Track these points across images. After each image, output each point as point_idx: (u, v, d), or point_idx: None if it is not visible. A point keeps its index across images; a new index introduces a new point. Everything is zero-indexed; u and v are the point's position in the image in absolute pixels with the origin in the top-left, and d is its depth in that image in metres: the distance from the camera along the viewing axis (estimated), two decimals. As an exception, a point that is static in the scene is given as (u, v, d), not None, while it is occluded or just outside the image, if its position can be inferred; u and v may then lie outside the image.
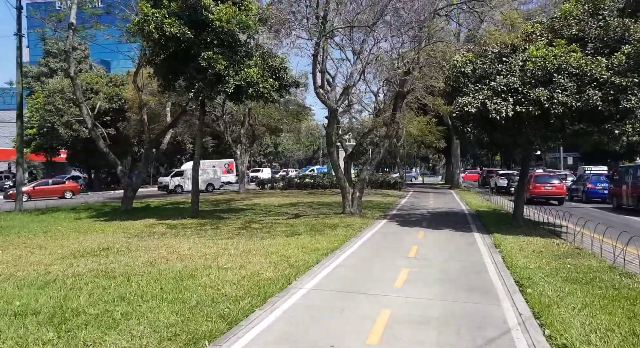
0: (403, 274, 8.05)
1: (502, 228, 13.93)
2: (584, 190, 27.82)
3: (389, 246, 11.00)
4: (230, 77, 14.70)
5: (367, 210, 19.52)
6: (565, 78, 11.53)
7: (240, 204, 23.27)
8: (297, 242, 11.05)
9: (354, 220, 15.59)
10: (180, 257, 9.21)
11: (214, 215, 17.93)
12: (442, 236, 12.71)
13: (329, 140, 16.14)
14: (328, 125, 15.86)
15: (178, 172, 38.74)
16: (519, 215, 14.92)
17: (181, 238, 11.90)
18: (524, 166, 15.10)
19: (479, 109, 12.42)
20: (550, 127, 11.93)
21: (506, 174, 37.67)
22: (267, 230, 13.42)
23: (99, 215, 17.93)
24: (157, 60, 15.86)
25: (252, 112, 32.75)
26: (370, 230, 13.79)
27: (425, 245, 11.09)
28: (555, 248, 10.70)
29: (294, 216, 17.34)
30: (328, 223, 14.96)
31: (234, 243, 10.83)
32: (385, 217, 17.26)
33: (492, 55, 13.48)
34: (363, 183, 17.28)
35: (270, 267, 8.33)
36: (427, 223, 15.51)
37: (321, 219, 16.05)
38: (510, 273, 8.33)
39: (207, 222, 15.38)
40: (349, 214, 16.78)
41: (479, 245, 11.28)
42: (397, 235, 12.81)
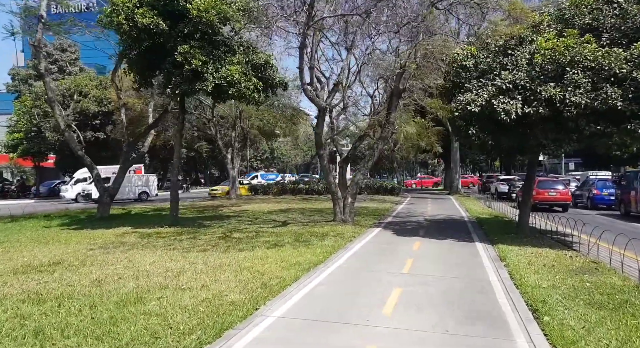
0: (394, 296, 6.79)
1: (506, 237, 12.69)
2: (589, 196, 26.64)
3: (381, 259, 9.75)
4: (210, 74, 13.50)
5: (360, 217, 18.27)
6: (579, 73, 10.34)
7: (227, 211, 22.00)
8: (278, 255, 9.79)
9: (345, 229, 14.34)
10: (137, 273, 7.94)
11: (196, 223, 16.65)
12: (441, 247, 11.45)
13: (318, 141, 14.95)
14: (317, 126, 14.66)
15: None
16: (525, 223, 13.69)
17: (149, 250, 10.63)
18: (530, 171, 13.89)
19: (484, 108, 11.22)
20: (564, 128, 10.72)
21: (507, 179, 36.50)
22: (249, 240, 12.16)
23: (71, 223, 16.65)
24: (131, 55, 14.69)
25: (243, 115, 31.56)
26: (361, 240, 12.53)
27: (421, 258, 9.84)
28: (568, 261, 9.45)
29: (282, 224, 16.08)
30: (317, 232, 13.70)
31: (205, 257, 9.56)
32: (379, 225, 16.01)
33: (495, 48, 12.32)
34: (356, 189, 16.06)
35: (238, 286, 7.06)
36: (424, 232, 14.26)
37: (310, 227, 14.79)
38: (520, 293, 7.08)
39: (185, 231, 14.11)
40: (340, 222, 15.53)
41: (482, 258, 10.03)
42: (391, 246, 11.55)
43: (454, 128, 12.56)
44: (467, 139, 11.82)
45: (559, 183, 25.48)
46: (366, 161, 16.11)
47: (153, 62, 14.54)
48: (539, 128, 11.06)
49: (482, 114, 11.38)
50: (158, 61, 14.33)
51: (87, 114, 40.68)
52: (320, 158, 15.32)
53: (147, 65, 14.78)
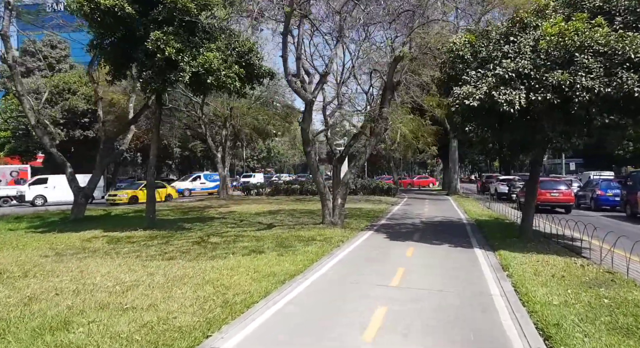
0: (378, 316, 5.70)
1: (508, 242, 11.60)
2: (592, 197, 25.62)
3: (368, 269, 8.63)
4: (186, 63, 12.39)
5: (352, 219, 17.17)
6: (589, 58, 9.27)
7: (213, 212, 20.88)
8: (252, 264, 8.68)
9: (334, 232, 13.23)
10: (81, 288, 6.82)
11: (175, 225, 15.54)
12: (436, 253, 10.35)
13: (305, 137, 13.84)
14: (303, 120, 13.56)
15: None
16: (528, 227, 12.59)
17: (110, 257, 9.51)
18: (533, 170, 12.79)
19: (483, 101, 10.14)
20: (573, 119, 9.63)
21: (507, 179, 35.47)
22: (226, 245, 11.04)
23: (40, 226, 15.52)
24: (103, 45, 13.60)
25: (234, 113, 30.46)
26: (349, 245, 11.42)
27: (414, 267, 8.73)
28: (579, 271, 8.36)
29: (267, 227, 14.96)
30: (302, 236, 12.60)
31: (168, 266, 8.45)
32: (371, 228, 14.90)
33: (496, 35, 11.23)
34: (346, 189, 14.95)
35: (194, 305, 5.95)
36: (419, 236, 13.15)
37: (296, 231, 13.68)
38: (528, 312, 5.99)
39: (159, 235, 12.99)
40: (329, 225, 14.43)
41: (481, 267, 8.92)
42: (382, 252, 10.44)
43: (451, 125, 11.48)
44: (465, 136, 10.72)
45: (561, 184, 24.43)
46: (357, 159, 15.00)
47: (126, 52, 13.44)
48: (546, 119, 9.97)
49: (481, 108, 10.29)
50: (131, 51, 13.23)
51: (76, 112, 39.52)
52: (308, 156, 14.22)
53: (121, 55, 13.68)
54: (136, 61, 13.30)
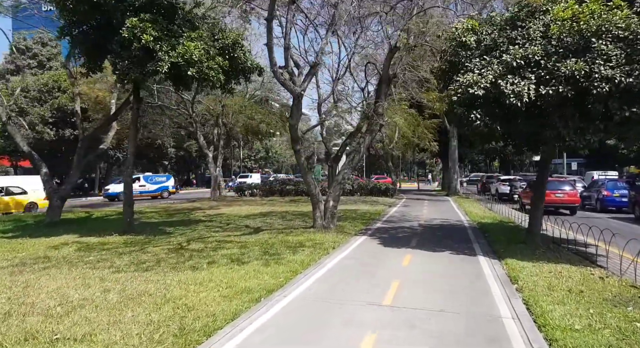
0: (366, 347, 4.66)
1: (514, 249, 10.58)
2: (598, 197, 24.65)
3: (358, 282, 7.59)
4: (165, 53, 11.36)
5: (346, 221, 16.13)
6: (608, 44, 8.25)
7: (201, 215, 19.83)
8: (227, 276, 7.64)
9: (325, 237, 12.20)
10: (14, 309, 5.78)
11: (157, 229, 14.49)
12: (436, 262, 9.31)
13: (293, 135, 12.80)
14: (291, 116, 12.47)
15: None
16: (536, 231, 11.56)
17: (70, 268, 8.47)
18: (542, 170, 11.76)
19: (489, 90, 9.13)
20: (589, 114, 8.60)
21: (508, 179, 34.49)
22: (205, 253, 10.00)
23: (11, 230, 14.46)
24: (75, 33, 12.56)
25: (226, 111, 29.41)
26: (341, 252, 10.37)
27: (410, 281, 7.69)
28: (599, 285, 7.33)
29: (254, 231, 13.92)
30: (290, 241, 11.56)
31: (131, 280, 7.40)
32: (366, 232, 13.86)
33: (501, 21, 10.22)
34: (339, 190, 13.91)
35: (142, 334, 4.91)
36: (417, 241, 12.11)
37: (285, 235, 12.65)
38: (547, 342, 4.97)
39: (135, 241, 11.95)
40: (320, 228, 13.40)
41: (487, 280, 7.89)
42: (375, 261, 9.40)
43: (452, 117, 10.45)
44: (469, 126, 9.68)
45: (566, 184, 23.44)
46: (351, 158, 13.96)
47: (100, 41, 12.39)
48: (558, 114, 8.94)
49: (486, 97, 9.29)
50: (106, 40, 12.19)
51: (66, 110, 38.46)
52: (297, 155, 13.18)
53: (95, 45, 12.64)
54: (112, 52, 12.26)
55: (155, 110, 31.03)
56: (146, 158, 61.10)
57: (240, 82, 14.24)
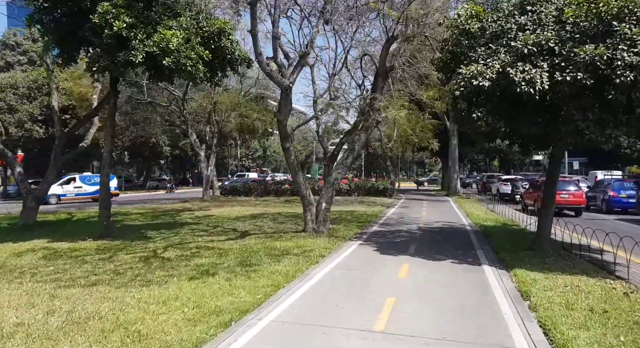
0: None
1: (522, 257, 9.63)
2: (604, 198, 23.75)
3: (347, 299, 6.62)
4: (139, 41, 10.37)
5: (341, 224, 15.16)
6: (632, 27, 7.29)
7: (188, 216, 18.84)
8: (196, 293, 6.66)
9: (316, 243, 11.22)
10: None
11: (136, 233, 13.51)
12: (436, 273, 8.34)
13: (282, 131, 11.80)
14: (279, 111, 11.47)
15: None
16: (545, 236, 10.60)
17: (21, 281, 7.48)
18: (553, 169, 10.78)
19: (495, 82, 8.18)
20: (608, 104, 7.64)
21: (510, 179, 33.58)
22: (178, 263, 9.02)
23: (-21, 234, 13.47)
24: (45, 21, 11.57)
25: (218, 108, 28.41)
26: (331, 261, 9.39)
27: (407, 297, 6.72)
28: (624, 303, 6.36)
29: (240, 235, 12.94)
30: (277, 248, 10.58)
31: (84, 297, 6.42)
32: (361, 237, 12.89)
33: (509, 6, 9.25)
34: (331, 191, 12.93)
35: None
36: (415, 247, 11.14)
37: (272, 241, 11.68)
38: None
39: (109, 247, 10.96)
40: (311, 233, 12.43)
41: (495, 296, 6.92)
42: (369, 272, 8.43)
43: (454, 113, 9.49)
44: (471, 124, 8.72)
45: (571, 184, 22.48)
46: (344, 157, 12.98)
47: (73, 29, 11.38)
48: (575, 106, 7.98)
49: (492, 91, 8.33)
50: (78, 28, 11.18)
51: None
52: (286, 152, 12.19)
53: (68, 33, 11.63)
54: (84, 40, 11.28)
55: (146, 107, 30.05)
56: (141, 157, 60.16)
57: (228, 75, 13.25)
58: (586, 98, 8.03)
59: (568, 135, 8.52)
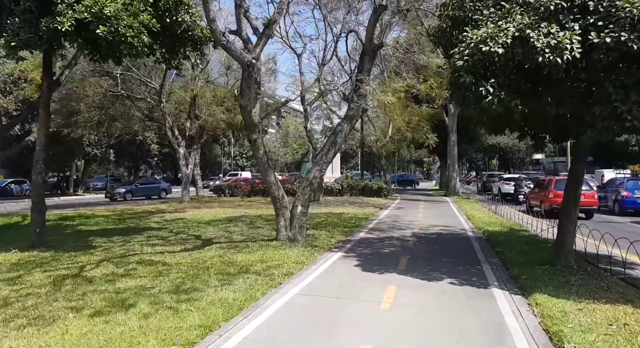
0: None
1: (540, 274, 7.66)
2: (616, 198, 21.85)
3: (309, 346, 4.60)
4: (68, 5, 8.36)
5: (324, 230, 13.15)
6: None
7: (156, 220, 16.79)
8: (82, 343, 4.63)
9: (286, 255, 9.20)
10: None
11: (83, 241, 11.49)
12: (431, 303, 6.30)
13: (246, 120, 9.66)
14: (241, 94, 9.32)
15: None
16: (568, 247, 8.56)
17: None
18: (578, 164, 8.76)
19: (509, 49, 6.21)
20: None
21: (512, 178, 31.59)
22: (103, 283, 7.00)
23: None
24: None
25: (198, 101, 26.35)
26: (297, 283, 7.35)
27: (391, 343, 4.70)
28: None
29: (202, 244, 10.90)
30: (236, 263, 8.56)
31: None
32: (344, 246, 10.86)
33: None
34: (309, 192, 10.88)
35: None
36: (407, 261, 9.11)
37: (236, 252, 9.66)
38: None
39: (32, 260, 8.94)
40: (285, 242, 10.41)
41: (515, 341, 4.90)
42: (342, 301, 6.39)
43: (455, 93, 7.46)
44: (478, 103, 6.71)
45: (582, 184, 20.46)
46: (325, 152, 10.94)
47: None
48: (613, 82, 5.98)
49: (505, 59, 6.34)
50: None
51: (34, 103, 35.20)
52: (254, 146, 10.12)
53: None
54: (3, 9, 9.22)
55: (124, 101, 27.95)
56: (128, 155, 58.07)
57: (190, 56, 11.20)
58: (629, 72, 6.03)
59: (603, 120, 6.50)
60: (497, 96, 6.61)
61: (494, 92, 6.62)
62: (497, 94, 6.64)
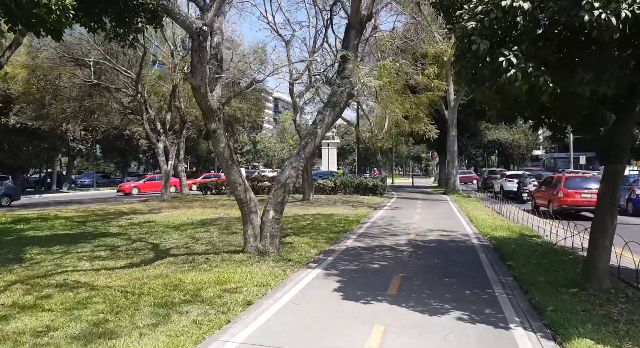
0: None
1: (571, 303, 5.90)
2: (629, 198, 20.13)
3: None
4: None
5: (306, 236, 11.35)
6: None
7: (122, 223, 14.95)
8: None
9: (251, 273, 7.40)
10: None
11: (14, 250, 9.67)
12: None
13: (202, 105, 7.76)
14: (192, 72, 7.37)
15: None
16: (604, 266, 6.75)
17: None
18: (614, 159, 6.93)
19: (539, 3, 4.40)
20: None
21: (516, 175, 29.83)
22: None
23: None
24: None
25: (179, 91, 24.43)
26: (252, 319, 5.51)
27: None
28: None
29: (152, 258, 9.07)
30: (183, 286, 6.74)
31: None
32: (325, 258, 9.04)
33: None
34: (282, 194, 9.03)
35: None
36: (401, 282, 7.29)
37: (187, 271, 7.83)
38: None
39: None
40: (252, 254, 8.61)
41: None
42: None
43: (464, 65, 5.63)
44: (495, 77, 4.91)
45: (594, 181, 18.78)
46: (302, 146, 9.07)
47: None
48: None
49: (532, 18, 4.54)
50: None
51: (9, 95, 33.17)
52: (213, 138, 8.21)
53: None
54: None
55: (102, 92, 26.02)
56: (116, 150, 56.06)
57: (134, 28, 9.29)
58: None
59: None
60: (521, 69, 4.79)
61: (518, 64, 4.80)
62: (522, 67, 4.82)
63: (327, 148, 48.54)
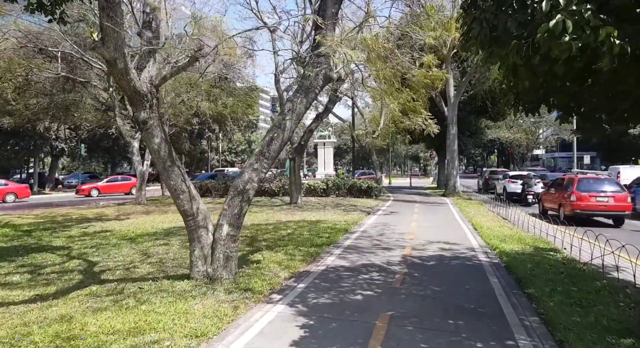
0: None
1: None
2: (653, 203, 18.29)
3: None
4: None
5: (280, 250, 9.42)
6: None
7: (75, 231, 13.00)
8: None
9: (188, 313, 5.47)
10: None
11: None
12: None
13: (123, 85, 5.71)
14: (102, 40, 5.18)
15: None
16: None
17: None
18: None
19: None
20: None
21: (520, 176, 27.90)
22: None
23: None
24: None
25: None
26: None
27: None
28: None
29: (75, 284, 7.13)
30: (77, 345, 4.81)
31: None
32: (294, 286, 7.09)
33: None
34: (240, 204, 7.08)
35: None
36: (388, 325, 5.34)
37: (104, 307, 5.90)
38: None
39: None
40: (200, 281, 6.69)
41: None
42: None
43: (470, 14, 3.72)
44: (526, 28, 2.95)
45: (609, 183, 16.99)
46: (267, 142, 7.13)
47: None
48: None
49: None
50: None
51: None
52: (144, 130, 6.26)
53: None
54: None
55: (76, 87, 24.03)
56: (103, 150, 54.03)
57: None
58: None
59: None
60: (573, 15, 2.87)
61: (567, 5, 2.90)
62: (574, 9, 2.91)
63: (324, 147, 46.54)
